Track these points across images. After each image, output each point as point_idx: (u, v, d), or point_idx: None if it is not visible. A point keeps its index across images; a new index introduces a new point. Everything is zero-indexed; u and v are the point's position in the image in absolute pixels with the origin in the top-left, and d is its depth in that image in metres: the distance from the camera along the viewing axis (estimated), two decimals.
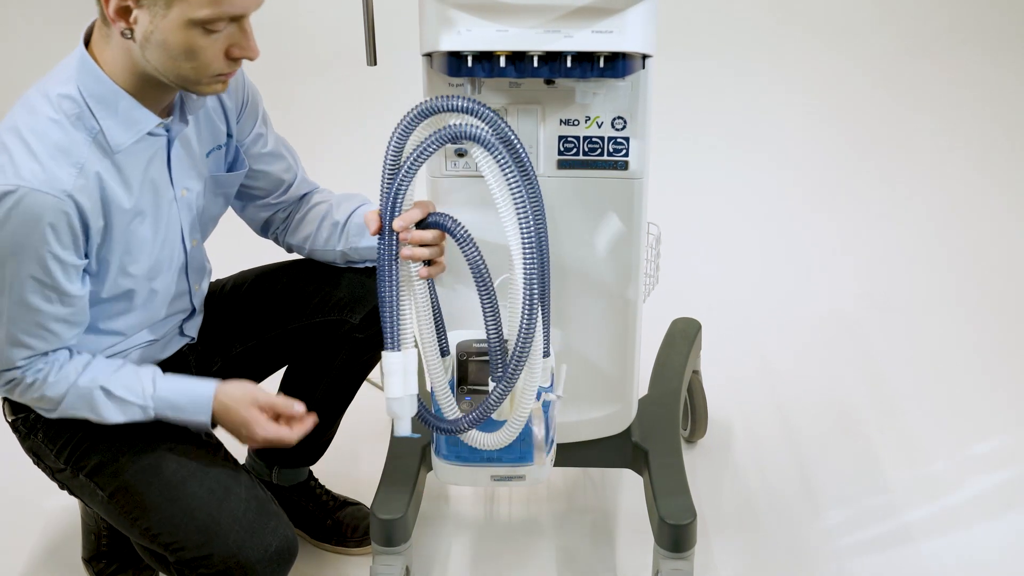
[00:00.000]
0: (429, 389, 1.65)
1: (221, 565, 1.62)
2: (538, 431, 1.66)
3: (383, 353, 1.56)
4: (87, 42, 1.57)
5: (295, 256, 2.00)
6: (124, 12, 1.47)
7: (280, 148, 1.89)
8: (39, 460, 1.78)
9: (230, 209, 1.92)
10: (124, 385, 1.63)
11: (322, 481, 2.23)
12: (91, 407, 1.63)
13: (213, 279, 2.01)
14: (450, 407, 1.62)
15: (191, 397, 1.66)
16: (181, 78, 1.53)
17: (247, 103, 1.82)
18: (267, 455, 2.15)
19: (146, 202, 1.64)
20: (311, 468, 2.22)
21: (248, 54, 1.54)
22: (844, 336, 2.91)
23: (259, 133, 1.85)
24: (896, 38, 3.97)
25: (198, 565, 1.63)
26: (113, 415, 1.64)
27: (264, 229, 1.96)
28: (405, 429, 1.58)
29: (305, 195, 1.94)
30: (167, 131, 1.64)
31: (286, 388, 2.04)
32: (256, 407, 1.66)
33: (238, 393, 1.67)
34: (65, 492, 1.80)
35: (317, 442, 2.12)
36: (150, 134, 1.61)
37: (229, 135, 1.80)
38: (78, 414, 1.64)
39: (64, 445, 1.71)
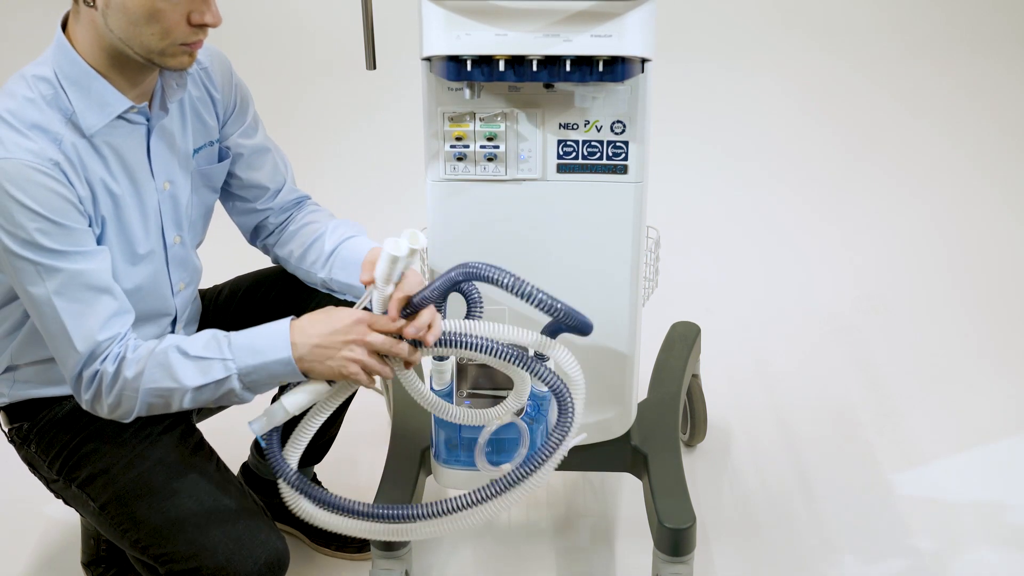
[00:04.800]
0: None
1: None
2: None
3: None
4: (65, 27, 1.58)
5: None
6: None
7: (267, 153, 1.87)
8: (35, 470, 1.78)
9: (226, 216, 1.91)
10: (201, 344, 1.55)
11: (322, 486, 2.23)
12: (169, 373, 1.53)
13: (210, 285, 2.00)
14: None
15: (267, 332, 1.55)
16: (145, 48, 1.52)
17: (237, 104, 1.81)
18: None
19: (128, 190, 1.63)
20: (314, 471, 2.21)
21: (209, 19, 1.53)
22: (843, 340, 2.91)
23: (245, 134, 1.84)
24: (895, 41, 3.97)
25: None
26: (192, 377, 1.53)
27: (254, 236, 1.93)
28: (263, 429, 1.56)
29: (298, 204, 1.91)
30: (147, 120, 1.64)
31: (284, 392, 2.03)
32: (348, 321, 1.53)
33: (319, 314, 1.56)
34: (61, 501, 1.79)
35: (319, 442, 2.12)
36: (128, 120, 1.61)
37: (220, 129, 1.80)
38: (160, 387, 1.53)
39: (56, 456, 1.71)
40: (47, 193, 1.48)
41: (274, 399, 1.57)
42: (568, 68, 1.58)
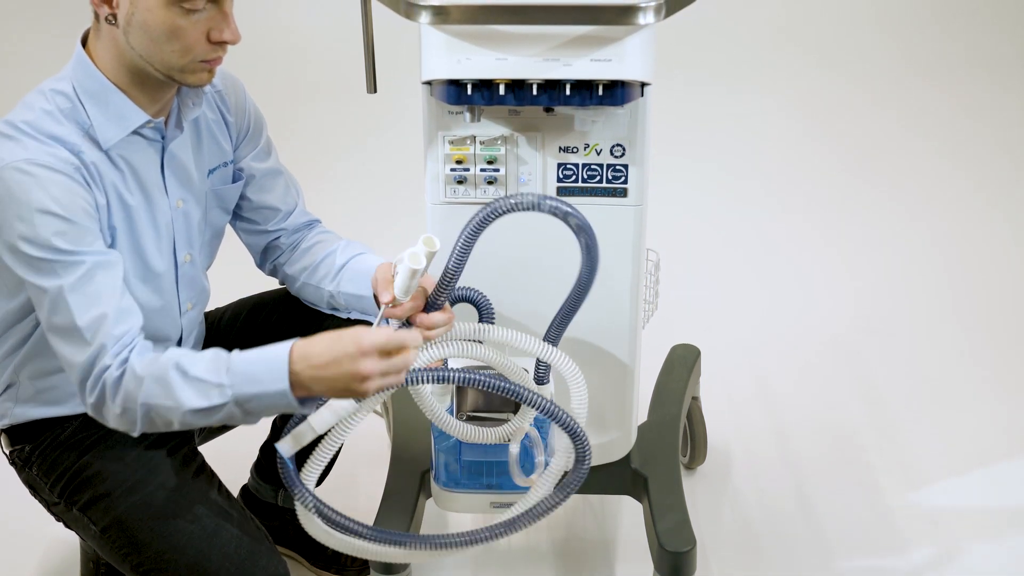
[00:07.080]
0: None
1: None
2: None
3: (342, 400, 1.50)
4: (84, 43, 1.61)
5: None
6: None
7: (279, 175, 1.89)
8: (35, 493, 1.77)
9: (236, 239, 1.92)
10: (203, 365, 1.48)
11: None
12: (167, 391, 1.47)
13: (213, 308, 2.01)
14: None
15: (266, 360, 1.47)
16: (166, 64, 1.55)
17: (251, 128, 1.84)
18: (272, 477, 2.14)
19: (142, 205, 1.65)
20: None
21: (228, 36, 1.55)
22: (844, 361, 2.91)
23: (258, 157, 1.86)
24: (896, 61, 3.99)
25: None
26: (189, 399, 1.47)
27: (263, 258, 1.94)
28: (291, 451, 1.54)
29: (309, 225, 1.93)
30: (162, 137, 1.66)
31: (284, 415, 2.03)
32: (356, 349, 1.42)
33: (323, 340, 1.45)
34: (61, 524, 1.79)
35: None
36: (144, 136, 1.63)
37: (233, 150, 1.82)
38: (157, 404, 1.48)
39: (58, 479, 1.70)
40: (68, 195, 1.50)
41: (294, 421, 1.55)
42: (568, 92, 1.59)
